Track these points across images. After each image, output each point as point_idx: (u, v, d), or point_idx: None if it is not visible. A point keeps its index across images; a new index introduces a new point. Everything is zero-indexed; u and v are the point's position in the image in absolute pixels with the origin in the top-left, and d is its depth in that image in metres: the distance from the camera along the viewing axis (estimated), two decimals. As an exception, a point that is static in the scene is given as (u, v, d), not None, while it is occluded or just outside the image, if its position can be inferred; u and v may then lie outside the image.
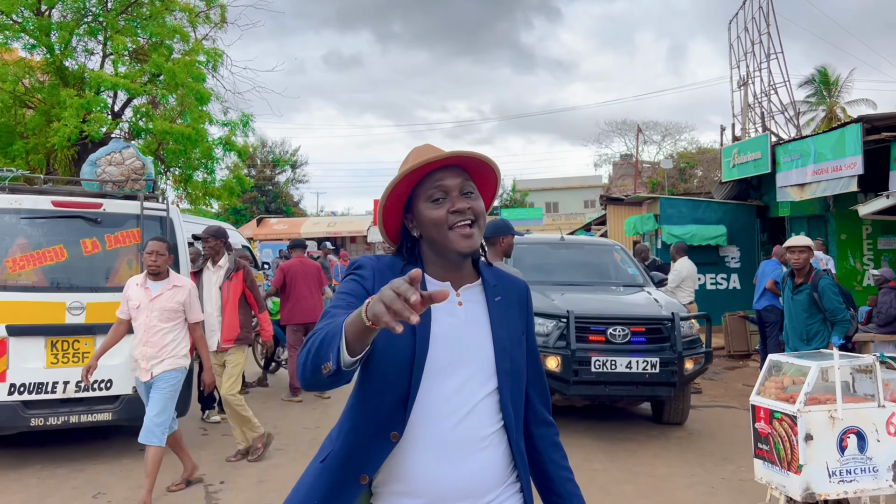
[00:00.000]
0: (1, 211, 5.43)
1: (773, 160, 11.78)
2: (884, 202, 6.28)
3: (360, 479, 1.52)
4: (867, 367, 4.04)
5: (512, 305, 1.69)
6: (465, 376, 1.55)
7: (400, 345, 1.52)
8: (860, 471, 3.85)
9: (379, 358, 1.53)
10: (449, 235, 1.56)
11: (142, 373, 4.78)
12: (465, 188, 1.60)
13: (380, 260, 1.67)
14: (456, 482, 1.51)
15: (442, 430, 1.52)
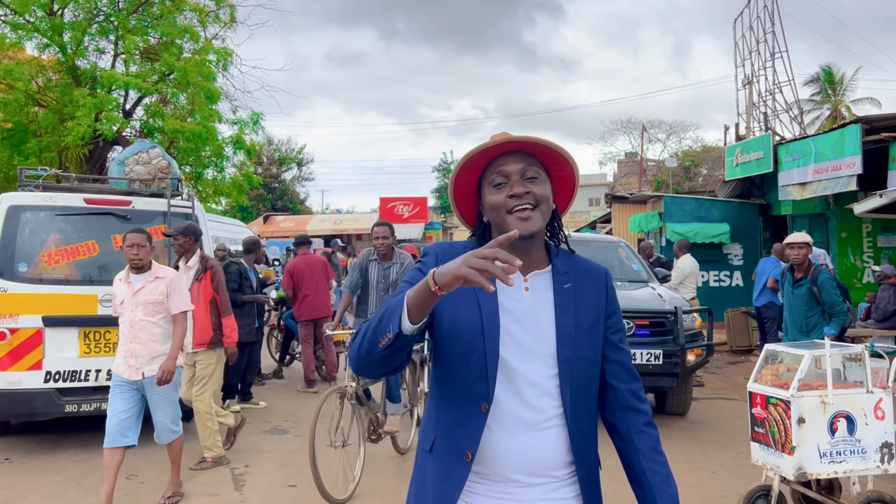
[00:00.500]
0: (37, 208, 5.73)
1: (776, 159, 12.01)
2: (878, 201, 6.52)
3: (465, 456, 1.54)
4: (857, 355, 4.30)
5: (585, 292, 1.66)
6: (529, 358, 1.57)
7: (467, 318, 1.56)
8: (849, 452, 4.10)
9: (449, 334, 1.57)
10: (507, 219, 1.57)
11: (131, 371, 4.51)
12: (527, 173, 1.60)
13: (452, 246, 1.69)
14: (513, 457, 1.53)
15: (507, 404, 1.54)
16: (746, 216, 14.21)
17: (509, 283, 1.27)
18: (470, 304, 1.57)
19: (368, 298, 5.79)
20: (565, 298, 1.62)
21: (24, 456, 5.75)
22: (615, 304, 1.71)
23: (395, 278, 5.64)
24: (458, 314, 1.56)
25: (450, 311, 1.56)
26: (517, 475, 1.54)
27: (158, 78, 17.80)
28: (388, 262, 5.72)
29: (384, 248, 5.66)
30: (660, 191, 25.29)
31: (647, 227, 15.25)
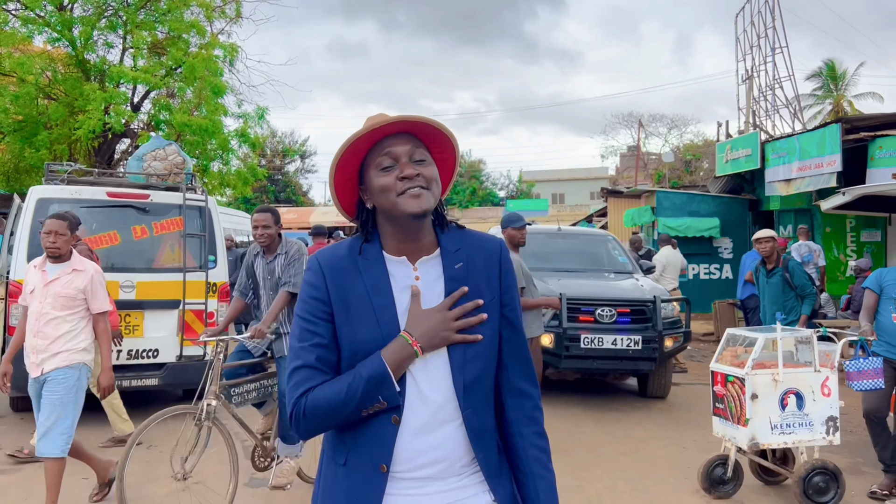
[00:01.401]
0: (64, 201, 6.20)
1: (763, 156, 12.46)
2: (841, 198, 6.97)
3: (381, 468, 1.51)
4: (807, 338, 4.77)
5: (477, 271, 1.60)
6: (433, 352, 1.53)
7: (368, 336, 1.51)
8: (798, 425, 4.58)
9: (351, 356, 1.52)
10: (398, 201, 1.51)
11: (31, 367, 4.16)
12: (415, 155, 1.55)
13: (336, 249, 1.62)
14: (414, 454, 1.51)
15: (418, 407, 1.51)
16: (736, 211, 14.66)
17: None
18: (368, 318, 1.52)
19: (261, 300, 4.91)
20: (456, 282, 1.57)
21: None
22: (510, 277, 1.64)
23: (280, 273, 4.76)
24: (358, 332, 1.52)
25: (348, 331, 1.53)
26: (418, 471, 1.52)
27: (166, 72, 18.20)
28: (272, 255, 4.81)
29: (265, 238, 4.73)
30: (660, 184, 25.70)
31: (640, 221, 15.70)
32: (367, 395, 1.46)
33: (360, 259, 1.57)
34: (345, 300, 1.54)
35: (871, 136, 9.75)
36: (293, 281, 4.64)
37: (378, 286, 1.55)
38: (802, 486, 4.50)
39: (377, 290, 1.54)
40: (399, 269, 1.58)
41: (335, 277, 1.56)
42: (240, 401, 4.66)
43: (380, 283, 1.55)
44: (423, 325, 1.48)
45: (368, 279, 1.55)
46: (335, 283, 1.55)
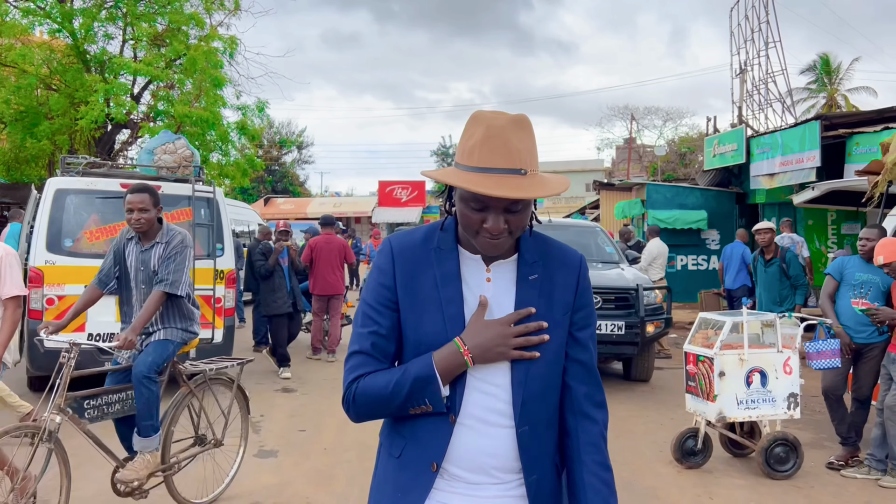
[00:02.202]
0: (80, 192, 6.58)
1: (748, 151, 12.87)
2: (811, 193, 7.38)
3: (432, 466, 1.50)
4: (771, 322, 5.19)
5: (555, 282, 1.55)
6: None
7: (432, 328, 1.50)
8: (762, 401, 5.00)
9: (416, 345, 1.51)
10: (475, 239, 1.48)
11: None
12: (512, 206, 1.44)
13: (411, 235, 1.59)
14: (475, 458, 1.50)
15: (475, 409, 1.49)
16: (723, 204, 15.08)
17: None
18: (434, 310, 1.51)
19: (131, 295, 4.17)
20: (528, 292, 1.53)
21: (68, 406, 6.63)
22: (586, 297, 1.59)
23: (157, 266, 4.03)
24: (423, 324, 1.51)
25: (413, 321, 1.52)
26: (469, 474, 1.51)
27: (165, 64, 18.42)
28: (149, 243, 4.07)
29: (141, 224, 4.02)
30: (654, 177, 26.12)
31: (631, 213, 16.11)
32: (412, 394, 1.45)
33: (434, 248, 1.55)
34: (413, 289, 1.53)
35: (848, 133, 10.16)
36: (171, 279, 3.96)
37: (447, 277, 1.52)
38: (765, 455, 4.93)
39: (446, 282, 1.52)
40: (472, 267, 1.56)
41: (406, 264, 1.54)
42: (95, 415, 3.93)
43: (450, 274, 1.53)
44: (480, 337, 1.45)
45: (439, 269, 1.53)
46: (405, 269, 1.54)
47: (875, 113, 10.66)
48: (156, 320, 4.13)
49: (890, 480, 4.84)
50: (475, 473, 1.51)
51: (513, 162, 1.40)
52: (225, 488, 4.57)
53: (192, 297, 4.34)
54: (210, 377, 4.42)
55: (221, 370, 4.47)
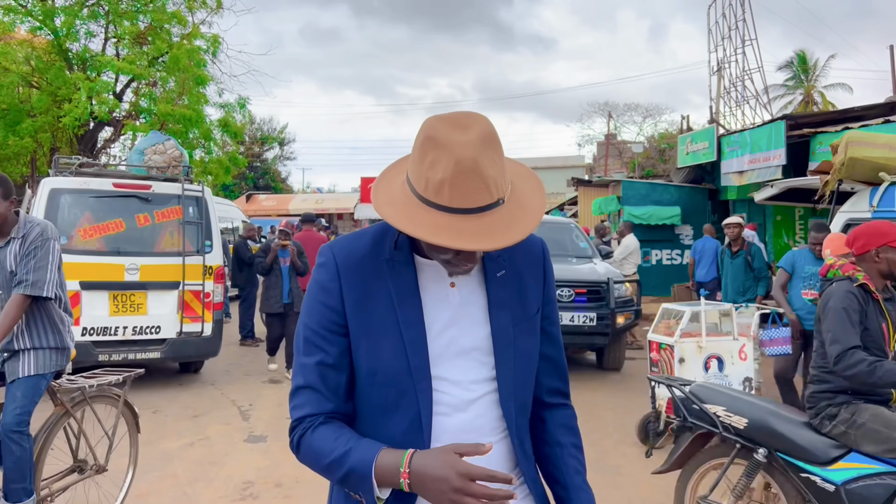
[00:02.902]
0: (74, 191, 6.83)
1: (719, 149, 13.32)
2: (770, 191, 7.80)
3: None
4: (727, 311, 5.59)
5: (523, 276, 1.43)
6: (464, 368, 1.36)
7: (389, 355, 1.32)
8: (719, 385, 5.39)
9: (370, 375, 1.34)
10: (445, 264, 1.32)
11: None
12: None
13: (356, 242, 1.40)
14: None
15: (449, 425, 1.34)
16: (696, 200, 15.54)
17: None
18: (391, 334, 1.33)
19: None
20: (500, 290, 1.40)
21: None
22: (552, 288, 1.50)
23: (14, 265, 3.48)
24: (379, 350, 1.33)
25: (367, 347, 1.34)
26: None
27: (148, 62, 18.50)
28: (4, 239, 3.54)
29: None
30: (634, 172, 26.56)
31: (607, 210, 16.53)
32: (346, 481, 1.29)
33: (385, 260, 1.36)
34: (364, 309, 1.34)
35: (812, 132, 10.61)
36: (32, 279, 3.40)
37: (405, 294, 1.34)
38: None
39: (403, 300, 1.33)
40: (431, 273, 1.38)
41: (354, 280, 1.35)
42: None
43: (407, 291, 1.34)
44: (429, 468, 1.20)
45: (394, 285, 1.34)
46: (353, 287, 1.34)
47: (838, 113, 11.14)
48: (21, 332, 3.48)
49: (835, 457, 5.25)
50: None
51: (490, 195, 1.21)
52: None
53: (65, 301, 3.67)
54: (90, 395, 3.77)
55: (104, 385, 3.80)
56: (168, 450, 5.39)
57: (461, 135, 1.20)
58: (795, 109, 34.60)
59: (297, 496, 4.48)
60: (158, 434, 5.77)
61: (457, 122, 1.23)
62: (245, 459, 5.20)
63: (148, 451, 5.30)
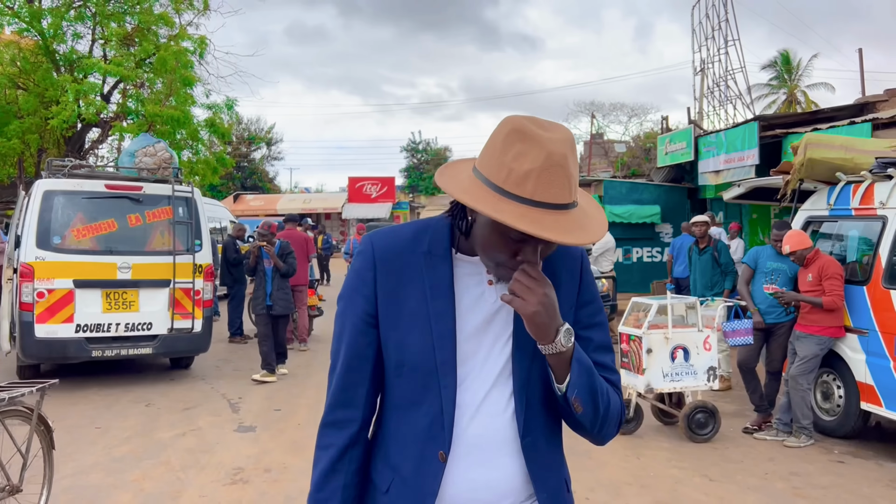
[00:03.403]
0: (67, 192, 7.06)
1: (697, 149, 13.68)
2: (737, 190, 8.12)
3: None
4: (693, 304, 5.90)
5: (559, 280, 1.39)
6: (496, 371, 1.36)
7: (417, 347, 1.33)
8: (685, 374, 5.70)
9: (398, 367, 1.36)
10: (496, 268, 1.32)
11: None
12: (546, 250, 1.31)
13: (396, 234, 1.41)
14: (478, 492, 1.35)
15: (472, 439, 1.34)
16: (675, 199, 15.89)
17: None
18: (420, 326, 1.34)
19: None
20: None
21: (60, 391, 7.11)
22: (590, 293, 1.46)
23: None
24: (407, 343, 1.35)
25: (396, 339, 1.36)
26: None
27: (135, 63, 18.62)
28: None
29: None
30: (621, 172, 26.93)
31: (589, 208, 16.87)
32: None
33: (423, 253, 1.37)
34: (397, 302, 1.36)
35: (784, 133, 10.96)
36: None
37: (438, 289, 1.35)
38: (687, 421, 5.63)
39: (437, 294, 1.34)
40: (470, 271, 1.38)
41: (389, 272, 1.36)
42: None
43: (441, 285, 1.35)
44: None
45: (429, 279, 1.35)
46: (388, 278, 1.36)
47: (809, 114, 11.51)
48: None
49: (793, 440, 5.58)
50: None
51: (571, 194, 1.22)
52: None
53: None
54: (1, 410, 3.46)
55: (16, 399, 3.51)
56: (161, 440, 5.63)
57: (550, 133, 1.22)
58: (779, 108, 35.01)
59: (285, 480, 4.75)
60: (151, 426, 6.02)
61: (541, 123, 1.25)
62: (235, 448, 5.45)
63: (142, 441, 5.57)
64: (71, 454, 5.19)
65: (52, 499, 4.28)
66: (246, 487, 4.63)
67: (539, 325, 1.25)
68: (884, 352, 5.28)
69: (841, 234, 6.14)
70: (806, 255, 5.64)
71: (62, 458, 5.09)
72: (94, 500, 4.35)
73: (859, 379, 5.49)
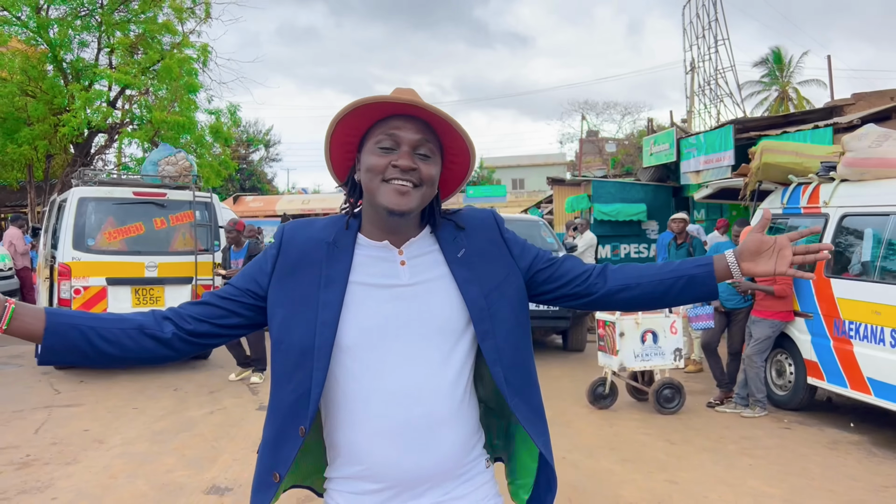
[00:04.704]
0: (100, 199, 7.81)
1: (679, 151, 14.45)
2: (706, 191, 8.87)
3: (273, 476, 1.43)
4: (661, 293, 6.66)
5: (483, 250, 1.48)
6: (421, 347, 1.39)
7: (299, 332, 1.38)
8: (654, 354, 6.46)
9: (277, 343, 1.42)
10: (381, 187, 1.37)
11: None
12: (421, 148, 1.38)
13: (309, 225, 1.50)
14: (417, 466, 1.38)
15: (398, 410, 1.37)
16: (661, 197, 16.66)
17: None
18: (307, 312, 1.39)
19: None
20: (464, 268, 1.44)
21: (94, 379, 7.87)
22: (519, 244, 1.53)
23: None
24: (292, 325, 1.40)
25: (281, 317, 1.42)
26: (423, 486, 1.41)
27: (140, 71, 19.25)
28: None
29: None
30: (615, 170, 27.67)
31: (578, 207, 17.62)
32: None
33: (328, 243, 1.44)
34: (290, 285, 1.43)
35: (758, 135, 11.73)
36: None
37: (333, 279, 1.41)
38: (656, 395, 6.40)
39: (330, 283, 1.40)
40: (380, 256, 1.45)
41: (290, 255, 1.45)
42: None
43: (337, 276, 1.41)
44: None
45: (327, 269, 1.42)
46: (287, 259, 1.45)
47: (782, 118, 12.29)
48: None
49: (749, 412, 6.35)
50: (422, 485, 1.41)
51: (419, 99, 1.39)
52: None
53: None
54: None
55: None
56: (192, 417, 6.38)
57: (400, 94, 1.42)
58: (771, 105, 35.64)
59: (305, 447, 5.49)
60: (182, 406, 6.77)
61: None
62: (259, 423, 6.18)
63: (176, 419, 6.32)
64: (117, 429, 5.94)
65: (109, 462, 5.06)
66: (272, 453, 5.37)
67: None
68: (825, 333, 6.05)
69: (792, 230, 6.90)
70: (759, 249, 6.41)
71: (109, 432, 5.88)
72: (144, 463, 5.09)
73: (806, 357, 6.27)
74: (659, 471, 4.95)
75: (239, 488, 4.61)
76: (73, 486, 4.64)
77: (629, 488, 4.61)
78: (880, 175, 5.79)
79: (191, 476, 4.84)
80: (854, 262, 5.95)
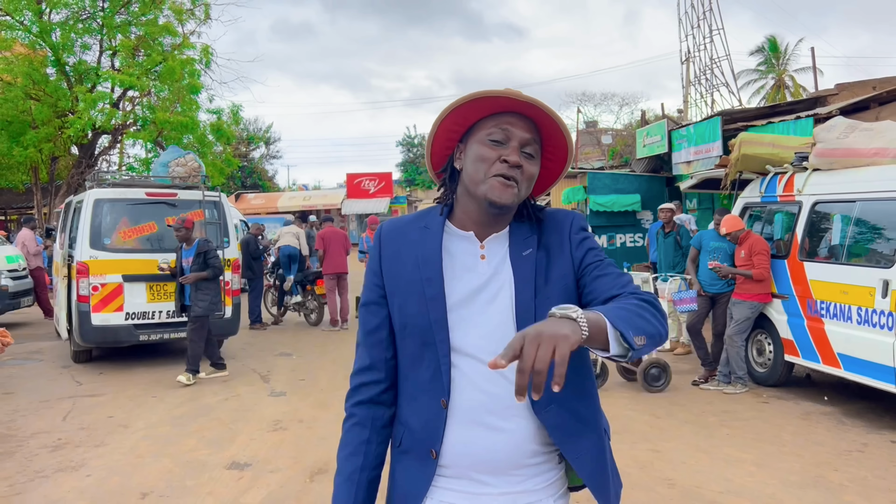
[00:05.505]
0: (114, 200, 8.21)
1: (670, 142, 14.83)
2: (691, 181, 9.26)
3: (430, 454, 1.47)
4: (647, 279, 7.08)
5: (551, 252, 1.50)
6: (496, 339, 1.43)
7: (413, 310, 1.48)
8: (641, 337, 6.87)
9: (402, 329, 1.51)
10: (487, 181, 1.44)
11: None
12: (528, 147, 1.46)
13: (403, 218, 1.60)
14: (478, 453, 1.44)
15: (473, 396, 1.44)
16: (654, 188, 17.04)
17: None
18: (415, 292, 1.49)
19: None
20: (524, 268, 1.48)
21: (113, 371, 8.29)
22: (583, 246, 1.52)
23: None
24: (406, 306, 1.50)
25: (398, 304, 1.52)
26: (475, 472, 1.46)
27: (142, 72, 19.57)
28: None
29: None
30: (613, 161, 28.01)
31: (574, 199, 18.02)
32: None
33: (420, 228, 1.55)
34: (396, 271, 1.53)
35: (744, 126, 12.10)
36: None
37: (428, 259, 1.50)
38: (643, 375, 6.82)
39: (427, 262, 1.49)
40: (463, 245, 1.53)
41: (390, 246, 1.56)
42: None
43: (431, 254, 1.50)
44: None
45: (421, 250, 1.51)
46: (389, 251, 1.55)
47: (767, 109, 12.65)
48: None
49: (730, 388, 6.77)
50: (483, 473, 1.45)
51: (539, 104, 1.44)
52: None
53: None
54: None
55: None
56: (209, 403, 6.81)
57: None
58: (768, 93, 35.89)
59: (316, 427, 5.92)
60: (199, 393, 7.19)
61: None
62: (272, 407, 6.63)
63: (194, 405, 6.74)
64: (140, 415, 6.37)
65: (135, 444, 5.49)
66: (285, 433, 5.80)
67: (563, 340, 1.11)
68: (800, 312, 6.47)
69: (770, 217, 7.31)
70: (738, 236, 6.82)
71: (133, 417, 6.30)
72: (168, 444, 5.52)
73: (783, 335, 6.69)
74: (643, 441, 5.37)
75: (257, 464, 5.03)
76: (104, 464, 5.07)
77: (615, 456, 5.02)
78: (847, 164, 6.18)
79: (212, 454, 5.27)
80: (824, 246, 6.36)
